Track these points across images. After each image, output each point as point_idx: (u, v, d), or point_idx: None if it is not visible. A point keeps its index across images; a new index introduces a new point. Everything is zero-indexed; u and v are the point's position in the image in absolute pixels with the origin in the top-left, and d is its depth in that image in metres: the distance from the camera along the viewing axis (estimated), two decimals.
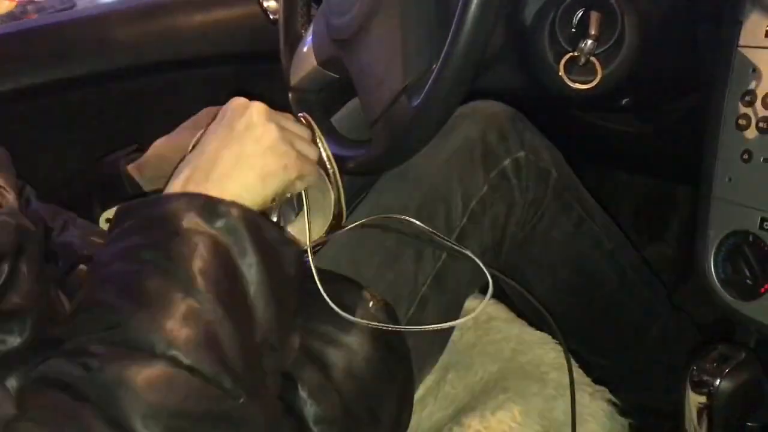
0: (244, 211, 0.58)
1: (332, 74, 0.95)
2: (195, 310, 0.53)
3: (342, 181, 0.82)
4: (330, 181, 0.83)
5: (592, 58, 0.77)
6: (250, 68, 1.31)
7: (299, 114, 0.82)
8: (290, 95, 1.02)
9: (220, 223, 0.56)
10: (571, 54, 0.77)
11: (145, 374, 0.49)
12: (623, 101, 0.93)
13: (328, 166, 0.82)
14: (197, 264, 0.54)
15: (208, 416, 0.51)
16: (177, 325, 0.51)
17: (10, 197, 0.67)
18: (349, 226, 0.77)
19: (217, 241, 0.56)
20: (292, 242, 0.64)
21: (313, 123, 0.81)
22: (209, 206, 0.57)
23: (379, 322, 0.75)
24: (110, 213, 0.83)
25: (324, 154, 0.82)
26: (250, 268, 0.57)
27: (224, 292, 0.54)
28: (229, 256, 0.56)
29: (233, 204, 0.58)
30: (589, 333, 0.99)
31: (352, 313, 0.75)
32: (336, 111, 1.07)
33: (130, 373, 0.49)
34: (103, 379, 0.49)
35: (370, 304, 0.76)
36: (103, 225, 0.83)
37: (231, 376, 0.52)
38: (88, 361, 0.50)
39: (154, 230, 0.56)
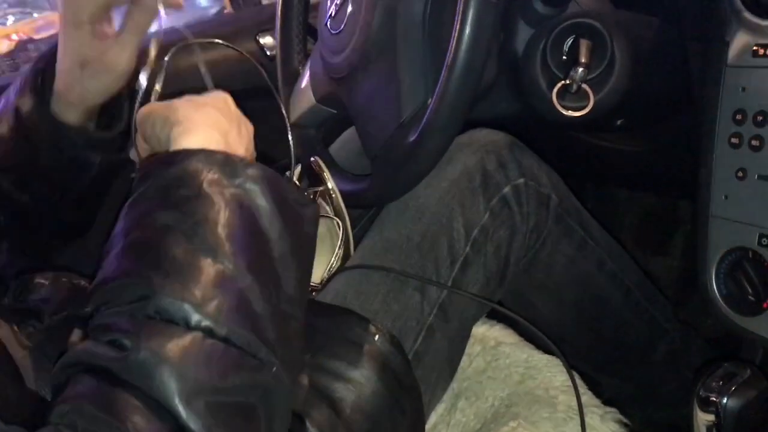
0: (264, 169, 0.56)
1: (331, 110, 0.97)
2: (225, 275, 0.51)
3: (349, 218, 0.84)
4: (338, 218, 0.84)
5: (584, 85, 0.78)
6: (248, 105, 1.32)
7: (312, 159, 0.84)
8: (289, 132, 1.04)
9: (240, 181, 0.54)
10: (563, 82, 0.79)
11: (182, 350, 0.47)
12: (617, 122, 0.95)
13: (337, 205, 0.84)
14: (222, 226, 0.52)
15: (246, 388, 0.49)
16: (209, 293, 0.49)
17: None
18: (351, 266, 0.79)
19: (240, 200, 0.54)
20: (312, 202, 0.62)
21: (323, 166, 0.83)
22: (230, 163, 0.55)
23: (385, 356, 0.76)
24: None
25: (333, 195, 0.84)
26: (273, 227, 0.55)
27: (251, 255, 0.53)
28: (253, 216, 0.54)
29: (252, 162, 0.56)
30: (597, 353, 0.99)
31: (359, 348, 0.75)
32: (333, 140, 1.08)
33: (167, 350, 0.47)
34: (140, 360, 0.47)
35: (376, 337, 0.76)
36: None
37: (265, 344, 0.51)
38: (121, 339, 0.48)
39: (173, 190, 0.53)
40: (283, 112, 0.86)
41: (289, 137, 0.82)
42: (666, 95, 0.89)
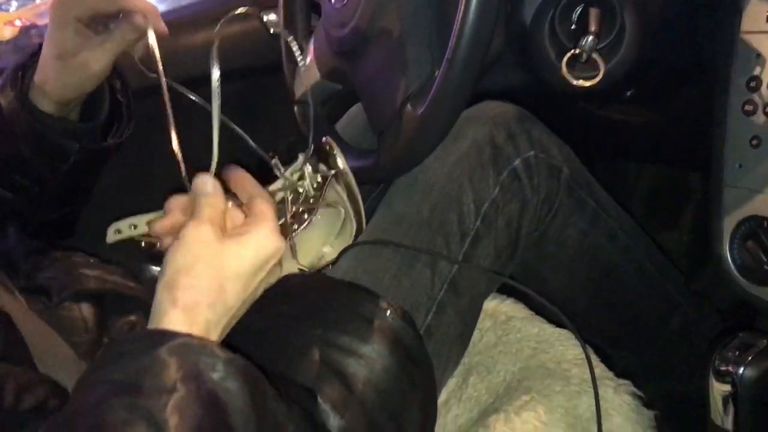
0: (245, 366, 0.53)
1: (336, 85, 0.96)
2: None
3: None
4: (350, 201, 0.84)
5: (594, 54, 0.77)
6: (253, 84, 1.32)
7: (323, 139, 0.83)
8: (295, 108, 1.03)
9: (216, 376, 0.51)
10: (572, 51, 0.78)
11: None
12: (627, 93, 0.93)
13: (349, 186, 0.84)
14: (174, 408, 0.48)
15: None
16: None
17: None
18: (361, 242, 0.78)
19: (215, 398, 0.51)
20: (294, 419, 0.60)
21: (335, 145, 0.82)
22: (206, 356, 0.52)
23: (396, 331, 0.75)
24: (119, 225, 0.84)
25: (345, 176, 0.83)
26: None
27: None
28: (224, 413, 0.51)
29: (233, 358, 0.53)
30: (610, 327, 0.98)
31: (371, 324, 0.75)
32: (339, 118, 1.07)
33: None
34: None
35: (388, 312, 0.76)
36: (112, 237, 0.84)
37: None
38: None
39: (142, 379, 0.49)
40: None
41: (309, 115, 0.81)
42: (677, 64, 0.87)
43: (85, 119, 0.83)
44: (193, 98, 0.83)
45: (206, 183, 0.61)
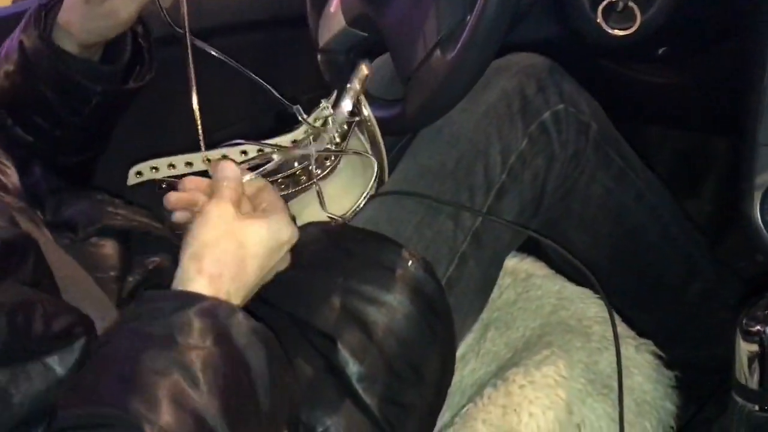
0: (266, 333, 0.57)
1: (361, 33, 0.94)
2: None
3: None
4: (374, 149, 0.82)
5: (631, 3, 0.75)
6: (275, 36, 1.30)
7: (347, 85, 0.81)
8: (319, 57, 1.02)
9: (244, 340, 0.54)
10: (608, 0, 0.76)
11: None
12: (660, 50, 0.91)
13: (373, 135, 0.82)
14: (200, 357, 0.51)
15: None
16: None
17: (9, 170, 0.67)
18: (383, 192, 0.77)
19: (240, 356, 0.54)
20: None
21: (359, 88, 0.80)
22: (235, 320, 0.55)
23: (418, 281, 0.75)
24: (139, 167, 0.83)
25: (369, 124, 0.82)
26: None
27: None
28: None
29: (258, 326, 0.56)
30: (631, 288, 0.97)
31: (392, 273, 0.74)
32: None
33: None
34: None
35: (410, 263, 0.75)
36: (132, 179, 0.83)
37: None
38: None
39: (177, 336, 0.52)
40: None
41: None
42: (713, 18, 0.85)
43: (107, 62, 0.83)
44: (215, 54, 0.83)
45: (229, 167, 0.65)
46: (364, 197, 0.83)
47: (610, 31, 0.75)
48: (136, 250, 0.71)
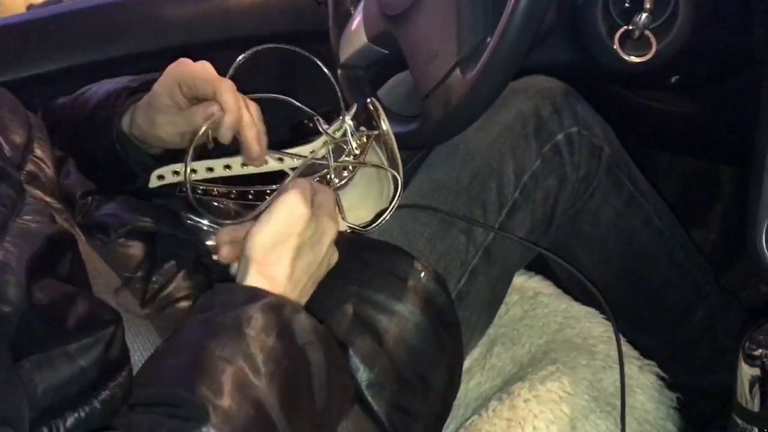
0: (327, 333, 0.61)
1: (382, 50, 0.96)
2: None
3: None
4: (391, 162, 0.84)
5: (647, 32, 0.77)
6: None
7: (368, 100, 0.83)
8: (339, 72, 1.04)
9: (305, 338, 0.58)
10: (625, 28, 0.78)
11: None
12: (673, 79, 0.93)
13: (391, 149, 0.84)
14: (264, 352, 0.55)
15: None
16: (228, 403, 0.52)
17: (48, 169, 0.69)
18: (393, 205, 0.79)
19: (302, 353, 0.58)
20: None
21: (379, 106, 0.82)
22: (298, 318, 0.59)
23: (429, 293, 0.76)
24: (161, 171, 0.85)
25: (387, 138, 0.83)
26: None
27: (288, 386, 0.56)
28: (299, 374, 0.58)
29: (320, 326, 0.60)
30: (636, 311, 0.99)
31: (405, 284, 0.76)
32: (381, 86, 1.08)
33: None
34: None
35: (422, 274, 0.77)
36: (154, 182, 0.85)
37: None
38: None
39: (240, 325, 0.56)
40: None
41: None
42: (727, 50, 0.87)
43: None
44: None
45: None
46: (390, 211, 0.83)
47: (626, 57, 0.77)
48: (161, 251, 0.72)
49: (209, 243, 0.75)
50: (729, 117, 0.99)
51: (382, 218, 0.80)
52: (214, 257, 0.69)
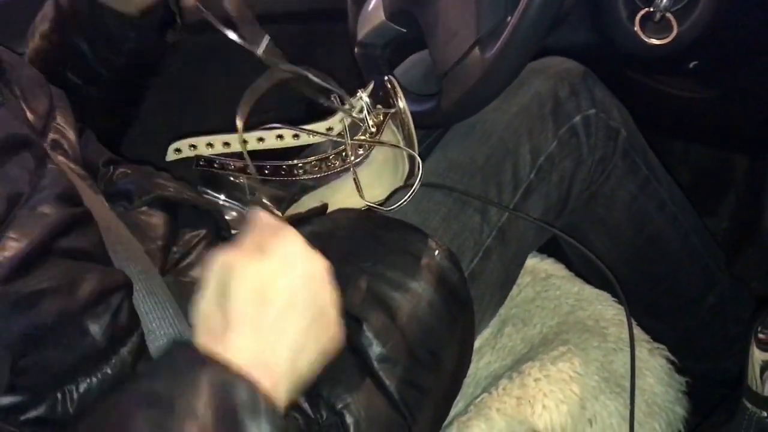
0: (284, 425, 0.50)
1: (399, 28, 0.96)
2: None
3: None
4: (407, 141, 0.84)
5: (668, 14, 0.77)
6: (313, 28, 1.33)
7: (385, 78, 0.84)
8: (356, 50, 1.04)
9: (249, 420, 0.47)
10: (646, 9, 0.77)
11: None
12: (691, 64, 0.93)
13: (408, 127, 0.84)
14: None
15: None
16: None
17: (71, 136, 0.69)
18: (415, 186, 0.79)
19: None
20: None
21: (396, 84, 0.82)
22: (244, 395, 0.47)
23: (443, 270, 0.77)
24: (179, 144, 0.85)
25: (404, 116, 0.84)
26: None
27: None
28: None
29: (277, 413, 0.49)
30: (647, 295, 0.99)
31: (419, 261, 0.76)
32: (397, 65, 1.08)
33: None
34: None
35: (436, 252, 0.77)
36: (171, 156, 0.86)
37: None
38: None
39: (173, 396, 0.47)
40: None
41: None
42: (748, 36, 0.86)
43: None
44: (235, 39, 0.82)
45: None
46: (412, 193, 0.81)
47: (646, 40, 0.77)
48: (182, 222, 0.73)
49: (228, 217, 0.76)
50: (745, 104, 0.98)
51: (404, 199, 0.80)
52: (233, 231, 0.69)
